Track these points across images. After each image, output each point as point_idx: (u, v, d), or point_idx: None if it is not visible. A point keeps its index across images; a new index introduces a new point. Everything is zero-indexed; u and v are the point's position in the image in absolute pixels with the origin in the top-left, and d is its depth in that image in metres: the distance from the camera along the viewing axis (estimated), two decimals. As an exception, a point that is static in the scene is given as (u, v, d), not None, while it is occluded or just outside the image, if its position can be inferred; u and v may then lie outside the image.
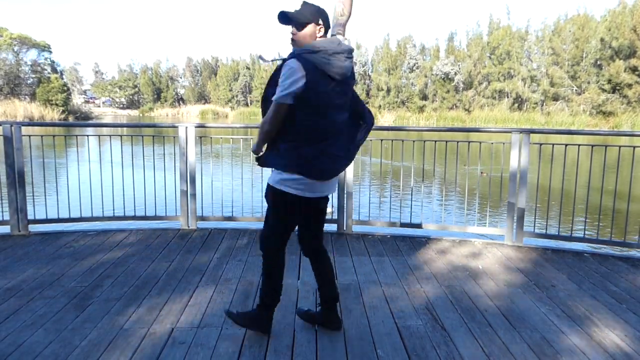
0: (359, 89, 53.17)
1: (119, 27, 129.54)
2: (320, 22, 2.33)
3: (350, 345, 2.49)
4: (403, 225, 4.74)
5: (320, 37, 2.33)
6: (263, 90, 2.40)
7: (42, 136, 5.02)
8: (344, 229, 4.67)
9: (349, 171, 4.61)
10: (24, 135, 4.47)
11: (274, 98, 2.24)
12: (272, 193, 2.38)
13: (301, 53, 2.23)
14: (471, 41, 49.47)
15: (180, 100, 77.47)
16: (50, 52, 48.02)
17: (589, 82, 40.37)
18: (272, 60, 2.57)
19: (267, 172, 2.53)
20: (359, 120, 2.48)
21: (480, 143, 4.75)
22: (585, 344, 2.54)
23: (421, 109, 49.56)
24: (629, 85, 37.01)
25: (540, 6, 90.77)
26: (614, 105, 37.60)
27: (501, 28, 46.79)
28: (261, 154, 2.44)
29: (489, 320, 2.80)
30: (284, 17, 2.33)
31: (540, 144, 4.53)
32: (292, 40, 2.33)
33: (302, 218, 2.52)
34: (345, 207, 4.65)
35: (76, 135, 5.21)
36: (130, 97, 77.80)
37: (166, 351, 2.39)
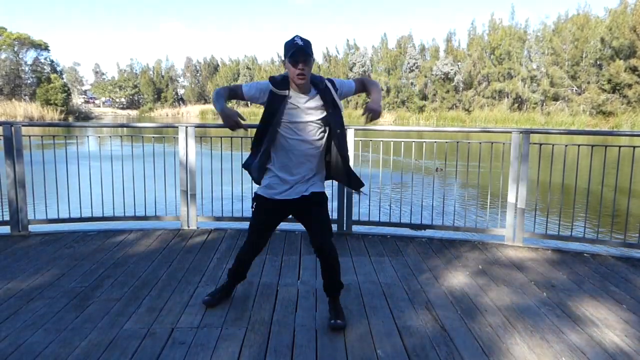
0: (359, 89, 53.12)
1: (119, 27, 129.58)
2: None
3: (350, 345, 2.49)
4: (403, 225, 4.74)
5: None
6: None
7: (42, 136, 5.02)
8: (344, 229, 4.67)
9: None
10: (24, 136, 4.47)
11: None
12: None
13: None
14: (471, 41, 49.49)
15: (180, 100, 77.46)
16: (49, 51, 48.03)
17: (589, 82, 40.36)
18: None
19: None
20: None
21: (480, 143, 4.75)
22: (585, 344, 2.54)
23: (421, 109, 49.59)
24: (629, 85, 37.00)
25: (541, 5, 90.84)
26: (614, 105, 37.59)
27: (501, 28, 46.81)
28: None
29: (489, 320, 2.81)
30: (309, 54, 2.44)
31: (540, 144, 4.52)
32: (302, 75, 2.44)
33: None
34: (345, 207, 4.65)
35: (76, 136, 5.21)
36: (131, 97, 77.80)
37: (166, 351, 2.39)
